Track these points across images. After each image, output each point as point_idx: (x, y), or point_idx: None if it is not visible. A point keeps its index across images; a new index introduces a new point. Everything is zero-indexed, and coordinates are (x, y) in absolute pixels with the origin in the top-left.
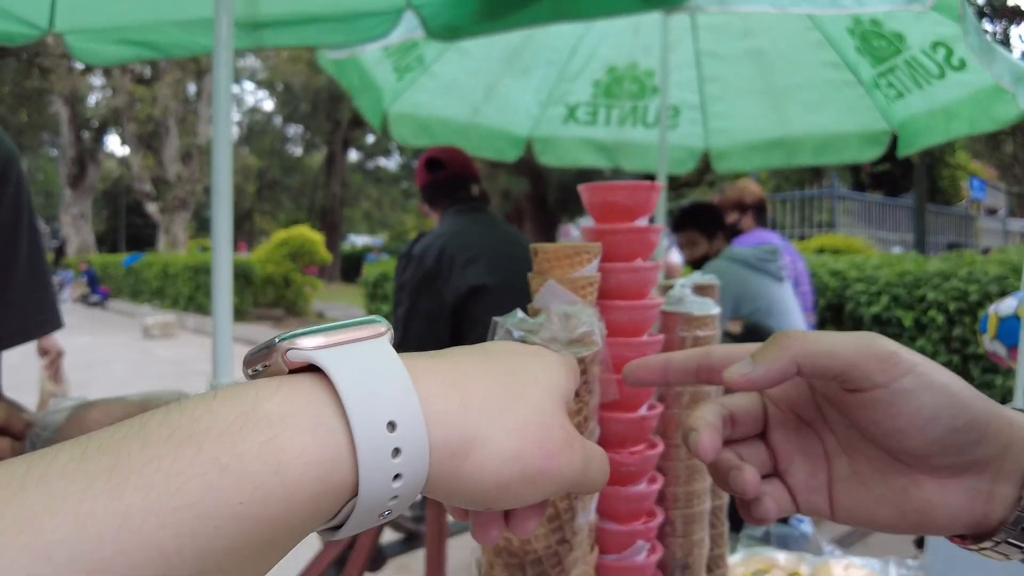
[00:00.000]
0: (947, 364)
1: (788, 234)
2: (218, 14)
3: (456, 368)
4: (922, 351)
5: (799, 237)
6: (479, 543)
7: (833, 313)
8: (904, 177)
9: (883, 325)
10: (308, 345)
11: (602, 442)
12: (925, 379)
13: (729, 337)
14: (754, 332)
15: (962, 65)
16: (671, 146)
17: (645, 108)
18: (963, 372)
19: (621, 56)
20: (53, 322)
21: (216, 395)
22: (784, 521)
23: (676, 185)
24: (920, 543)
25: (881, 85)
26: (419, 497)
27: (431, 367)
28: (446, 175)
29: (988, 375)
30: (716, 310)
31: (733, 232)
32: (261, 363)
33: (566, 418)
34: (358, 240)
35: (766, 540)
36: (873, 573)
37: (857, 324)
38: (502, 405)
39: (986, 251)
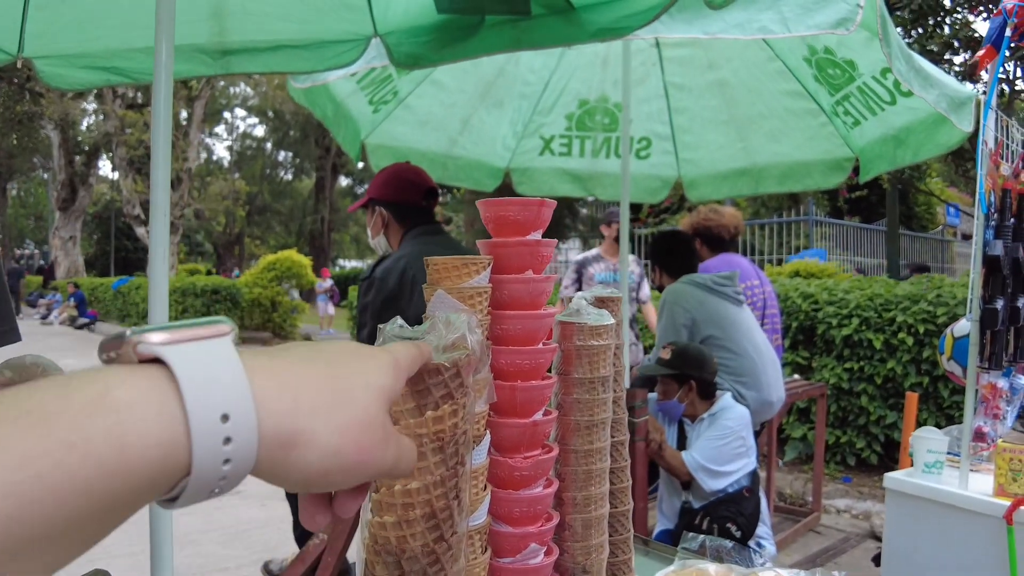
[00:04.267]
0: (917, 385)
1: (766, 259)
2: (158, 39)
3: (291, 368)
4: (892, 372)
5: (776, 262)
6: (306, 527)
7: (805, 336)
8: (881, 203)
9: (854, 347)
10: (155, 340)
11: (495, 446)
12: None
13: (660, 363)
14: (681, 357)
15: (910, 91)
16: (644, 176)
17: (617, 139)
18: (933, 393)
19: (591, 90)
20: (8, 335)
21: (71, 379)
22: (744, 542)
23: (657, 211)
24: (877, 561)
25: (839, 113)
26: None
27: (268, 366)
28: (432, 204)
29: (957, 396)
30: (611, 321)
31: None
32: (114, 350)
33: (387, 417)
34: (347, 264)
35: (701, 553)
36: None
37: (828, 346)
38: (330, 405)
39: (906, 277)
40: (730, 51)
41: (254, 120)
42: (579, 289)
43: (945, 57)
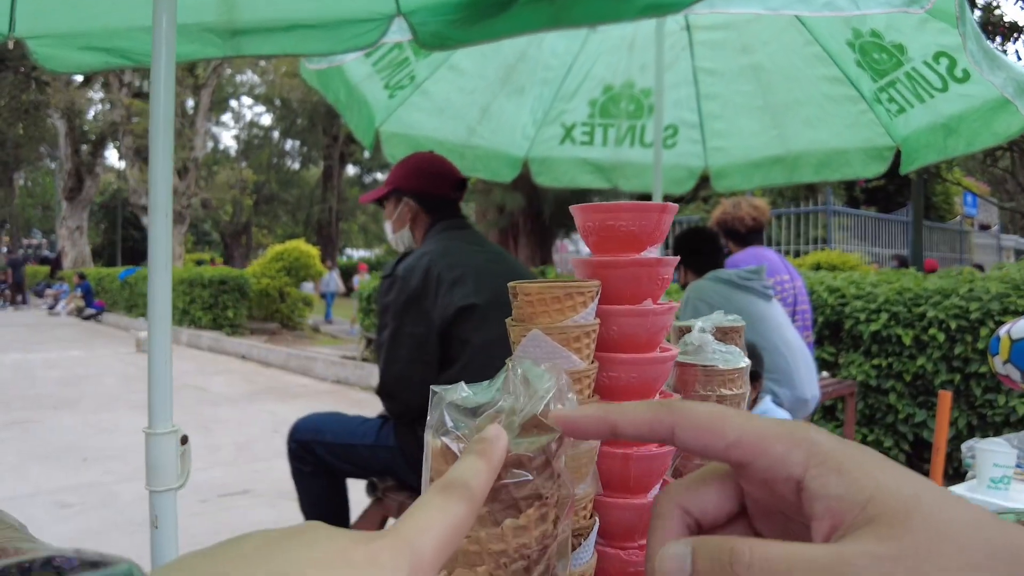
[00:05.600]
0: (948, 383)
1: (784, 250)
2: (157, 14)
3: None
4: (922, 369)
5: (794, 253)
6: None
7: (831, 331)
8: (898, 193)
9: (882, 343)
10: None
11: (604, 534)
12: None
13: None
14: (755, 356)
15: (966, 76)
16: (670, 165)
17: (643, 128)
18: (964, 391)
19: (617, 75)
20: None
21: None
22: None
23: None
24: None
25: (883, 100)
26: None
27: None
28: (460, 196)
29: (990, 394)
30: (745, 363)
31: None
32: None
33: None
34: (355, 254)
35: None
36: None
37: (856, 342)
38: None
39: (980, 267)
40: (766, 34)
41: (261, 108)
42: None
43: None
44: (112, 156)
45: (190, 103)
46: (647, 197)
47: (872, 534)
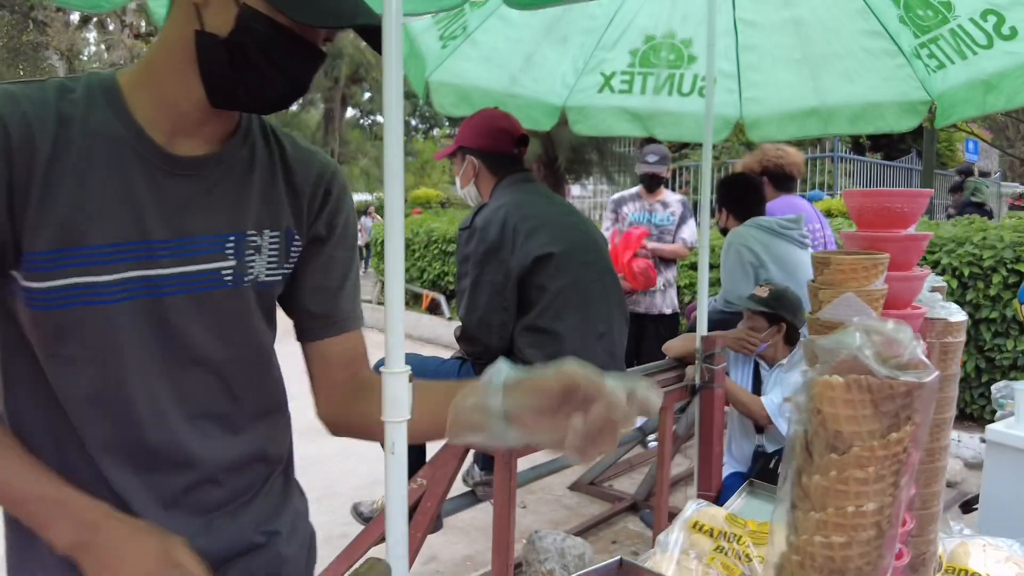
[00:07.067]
0: None
1: None
2: None
3: None
4: None
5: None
6: None
7: None
8: (902, 140)
9: None
10: None
11: None
12: None
13: (755, 300)
14: (779, 298)
15: (1013, 34)
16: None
17: (681, 77)
18: (975, 336)
19: (659, 25)
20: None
21: None
22: None
23: (679, 146)
24: (965, 508)
25: (922, 55)
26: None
27: None
28: (522, 151)
29: (999, 339)
30: (964, 317)
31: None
32: None
33: None
34: (357, 198)
35: None
36: (1014, 555)
37: None
38: None
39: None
40: None
41: None
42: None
43: None
44: None
45: None
46: (683, 146)
47: None
